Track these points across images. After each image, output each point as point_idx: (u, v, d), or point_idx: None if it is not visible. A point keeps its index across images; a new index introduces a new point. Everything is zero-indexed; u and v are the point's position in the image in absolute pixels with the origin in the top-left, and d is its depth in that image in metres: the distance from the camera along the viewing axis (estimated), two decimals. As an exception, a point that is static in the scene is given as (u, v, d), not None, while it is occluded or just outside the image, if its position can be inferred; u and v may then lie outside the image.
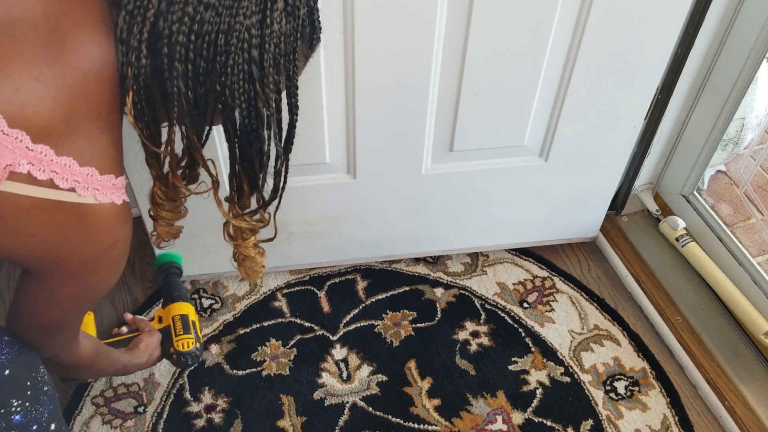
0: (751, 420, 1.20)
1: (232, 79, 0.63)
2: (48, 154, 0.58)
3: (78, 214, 0.61)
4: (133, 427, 1.22)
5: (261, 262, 0.94)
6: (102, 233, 0.64)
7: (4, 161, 0.56)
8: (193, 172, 0.79)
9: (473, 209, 1.38)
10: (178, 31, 0.61)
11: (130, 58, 0.62)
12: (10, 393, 0.70)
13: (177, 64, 0.62)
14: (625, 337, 1.37)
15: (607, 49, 1.11)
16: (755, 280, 1.30)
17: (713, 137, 1.32)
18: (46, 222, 0.60)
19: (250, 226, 0.83)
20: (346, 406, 1.25)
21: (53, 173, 0.58)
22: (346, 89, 1.09)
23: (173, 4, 0.61)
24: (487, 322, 1.39)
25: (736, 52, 1.21)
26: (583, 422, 1.24)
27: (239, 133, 0.68)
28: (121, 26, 0.61)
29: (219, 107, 0.66)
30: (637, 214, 1.54)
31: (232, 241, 0.87)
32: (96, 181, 0.61)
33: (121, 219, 0.66)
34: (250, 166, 0.72)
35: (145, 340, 1.12)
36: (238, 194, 0.77)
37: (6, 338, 0.71)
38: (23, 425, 0.72)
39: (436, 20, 1.01)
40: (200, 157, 0.71)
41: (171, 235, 0.89)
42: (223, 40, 0.62)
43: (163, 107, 0.66)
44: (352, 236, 1.38)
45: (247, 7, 0.62)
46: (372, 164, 1.23)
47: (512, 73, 1.12)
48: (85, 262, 0.65)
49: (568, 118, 1.21)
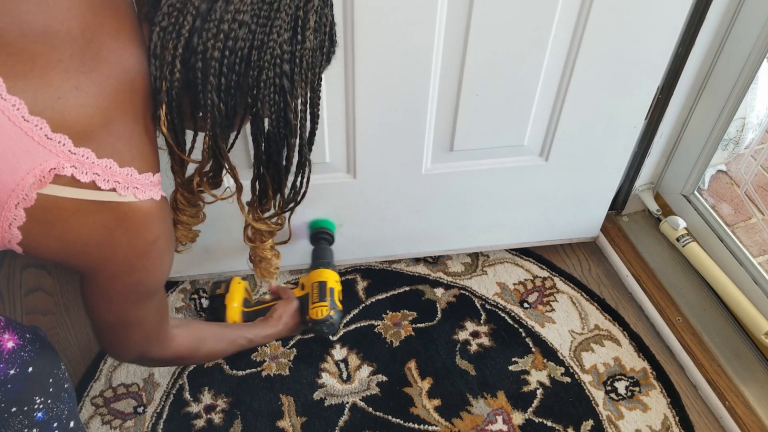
0: (751, 420, 1.19)
1: (264, 92, 0.67)
2: (90, 157, 0.61)
3: (120, 213, 0.64)
4: (132, 427, 1.22)
5: (276, 264, 1.01)
6: (144, 230, 0.66)
7: (48, 165, 0.59)
8: (217, 178, 0.81)
9: (473, 209, 1.38)
10: (213, 47, 0.64)
11: (164, 72, 0.65)
12: (33, 390, 0.72)
13: (211, 78, 0.65)
14: (625, 337, 1.37)
15: (607, 49, 1.11)
16: (756, 280, 1.30)
17: (714, 137, 1.32)
18: (90, 223, 0.63)
19: (269, 228, 0.88)
20: (346, 407, 1.25)
21: (95, 175, 0.61)
22: (346, 88, 1.09)
23: (208, 21, 0.64)
24: (488, 322, 1.39)
25: (737, 51, 1.20)
26: (584, 423, 1.24)
27: (269, 141, 0.72)
28: (155, 41, 0.65)
29: (249, 117, 0.69)
30: (637, 214, 1.54)
31: (250, 243, 0.93)
32: (135, 180, 0.64)
33: (161, 214, 0.68)
34: (276, 170, 0.76)
35: (279, 309, 1.12)
36: (260, 198, 0.81)
37: (28, 336, 0.72)
38: (45, 423, 0.73)
39: (436, 19, 1.01)
40: (228, 162, 0.74)
41: (189, 238, 0.93)
42: (257, 56, 0.65)
43: (192, 118, 0.70)
44: (352, 236, 1.38)
45: (281, 25, 0.65)
46: (372, 164, 1.23)
47: (512, 72, 1.12)
48: (130, 260, 0.68)
49: (568, 118, 1.21)
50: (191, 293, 1.42)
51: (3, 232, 0.61)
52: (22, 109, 0.58)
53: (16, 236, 0.62)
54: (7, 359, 0.69)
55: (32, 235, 0.62)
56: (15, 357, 0.69)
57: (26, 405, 0.71)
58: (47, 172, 0.59)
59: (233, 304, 1.14)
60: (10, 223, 0.60)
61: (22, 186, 0.59)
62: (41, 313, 1.39)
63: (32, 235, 0.62)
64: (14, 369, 0.69)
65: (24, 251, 0.64)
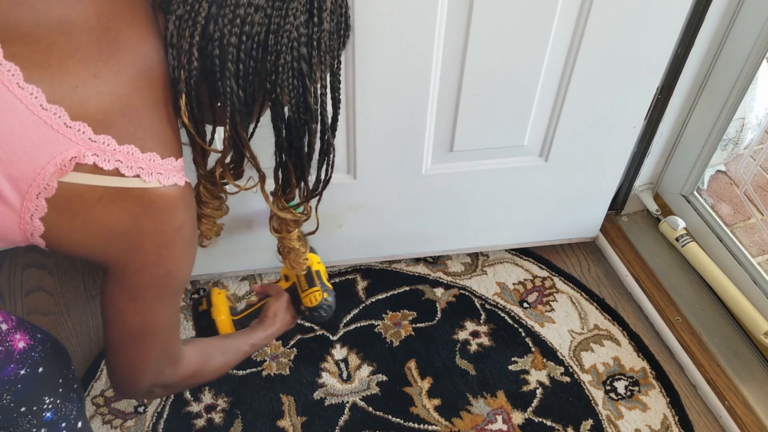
0: (750, 420, 1.20)
1: (282, 77, 0.66)
2: (111, 144, 0.60)
3: (145, 200, 0.63)
4: (133, 427, 1.22)
5: (305, 254, 0.98)
6: (170, 215, 0.66)
7: (69, 153, 0.58)
8: (239, 168, 0.80)
9: (473, 209, 1.38)
10: (230, 33, 0.64)
11: (182, 60, 0.65)
12: (43, 390, 0.71)
13: (229, 65, 0.65)
14: (625, 337, 1.37)
15: (607, 49, 1.11)
16: (755, 280, 1.30)
17: (713, 137, 1.32)
18: (115, 211, 0.62)
19: (294, 217, 0.86)
20: (346, 406, 1.25)
21: (118, 162, 0.61)
22: (346, 88, 1.09)
23: (224, 7, 0.64)
24: (487, 322, 1.39)
25: (736, 51, 1.21)
26: (583, 422, 1.24)
27: (289, 127, 0.71)
28: (171, 30, 0.64)
29: (268, 103, 0.69)
30: (637, 214, 1.54)
31: (276, 234, 0.91)
32: (158, 165, 0.63)
33: (186, 199, 0.67)
34: (298, 158, 0.75)
35: (272, 306, 1.05)
36: (283, 187, 0.79)
37: (39, 336, 0.72)
38: (53, 423, 0.73)
39: (436, 20, 1.01)
40: (249, 151, 0.73)
41: (213, 232, 0.91)
42: (273, 40, 0.65)
43: (211, 107, 0.69)
44: (352, 236, 1.38)
45: (296, 8, 0.65)
46: (372, 164, 1.23)
47: (512, 73, 1.12)
48: (158, 248, 0.66)
49: (568, 118, 1.21)
50: (192, 293, 1.43)
51: (25, 224, 0.61)
52: (40, 97, 0.58)
53: (39, 228, 0.61)
54: (18, 359, 0.68)
55: (55, 227, 0.61)
56: (26, 357, 0.69)
57: (35, 405, 0.71)
58: (68, 161, 0.58)
59: (221, 317, 1.07)
60: (32, 214, 0.60)
61: (42, 175, 0.58)
62: (42, 313, 1.39)
63: (55, 226, 0.61)
64: (25, 369, 0.69)
65: (47, 245, 0.63)
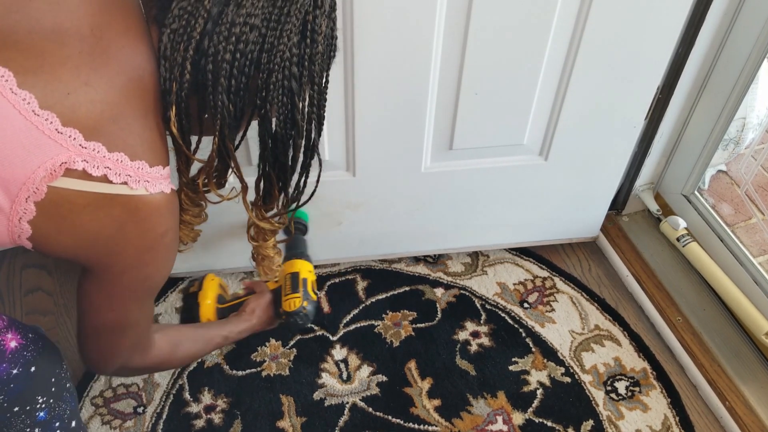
0: (751, 420, 1.19)
1: (273, 94, 0.68)
2: (101, 151, 0.61)
3: (131, 206, 0.64)
4: (132, 427, 1.22)
5: (278, 261, 1.02)
6: (154, 222, 0.67)
7: (59, 158, 0.59)
8: (222, 178, 0.82)
9: (473, 208, 1.38)
10: (224, 50, 0.65)
11: (174, 73, 0.66)
12: (35, 390, 0.72)
13: (222, 80, 0.66)
14: (625, 337, 1.37)
15: (607, 48, 1.10)
16: (756, 280, 1.29)
17: (714, 137, 1.32)
18: (102, 217, 0.64)
19: (272, 227, 0.89)
20: (346, 407, 1.25)
21: (107, 169, 0.62)
22: (346, 86, 1.09)
23: (219, 25, 0.65)
24: (488, 322, 1.38)
25: (737, 51, 1.20)
26: (584, 423, 1.24)
27: (275, 141, 0.73)
28: (165, 43, 0.66)
29: (256, 117, 0.71)
30: (637, 213, 1.54)
31: (253, 242, 0.94)
32: (146, 173, 0.65)
33: (171, 207, 0.69)
34: (282, 171, 0.77)
35: (252, 303, 1.11)
36: (265, 198, 0.82)
37: (31, 335, 0.72)
38: (47, 422, 0.74)
39: (435, 18, 1.01)
40: (235, 162, 0.75)
41: (191, 238, 0.94)
42: (266, 59, 0.67)
43: (199, 119, 0.71)
44: (351, 234, 1.38)
45: (290, 29, 0.66)
46: (371, 162, 1.23)
47: (512, 71, 1.12)
48: (141, 253, 0.68)
49: (568, 117, 1.21)
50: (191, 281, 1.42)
51: (13, 227, 0.62)
52: (33, 103, 0.59)
53: (26, 231, 0.62)
54: (10, 359, 0.69)
55: (42, 230, 0.62)
56: (18, 356, 0.70)
57: (28, 404, 0.71)
58: (58, 166, 0.59)
59: (206, 301, 1.11)
60: (20, 217, 0.61)
61: (33, 179, 0.59)
62: (41, 313, 1.39)
63: (42, 229, 0.62)
64: (17, 368, 0.69)
65: (34, 246, 0.65)
